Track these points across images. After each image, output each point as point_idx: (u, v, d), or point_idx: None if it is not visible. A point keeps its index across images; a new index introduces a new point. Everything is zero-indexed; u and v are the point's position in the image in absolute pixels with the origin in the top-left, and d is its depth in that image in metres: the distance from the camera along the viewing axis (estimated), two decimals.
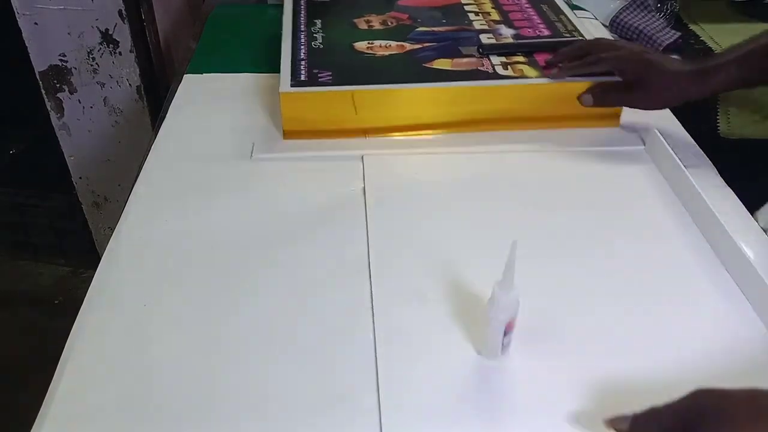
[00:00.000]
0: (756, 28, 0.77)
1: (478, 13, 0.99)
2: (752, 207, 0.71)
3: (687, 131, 0.84)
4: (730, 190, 0.74)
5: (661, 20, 1.13)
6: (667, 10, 1.15)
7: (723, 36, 1.07)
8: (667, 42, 1.08)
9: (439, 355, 0.56)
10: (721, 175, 0.76)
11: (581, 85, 0.82)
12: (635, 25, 1.11)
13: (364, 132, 0.82)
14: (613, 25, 1.13)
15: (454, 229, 0.69)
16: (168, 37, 1.34)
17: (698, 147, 0.80)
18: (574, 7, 1.16)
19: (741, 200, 0.72)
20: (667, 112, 0.85)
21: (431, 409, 0.51)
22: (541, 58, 0.87)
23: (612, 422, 0.46)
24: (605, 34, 1.11)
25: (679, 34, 1.12)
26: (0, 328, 1.60)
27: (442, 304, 0.60)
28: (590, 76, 0.81)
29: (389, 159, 0.79)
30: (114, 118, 1.33)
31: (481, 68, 0.85)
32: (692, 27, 1.20)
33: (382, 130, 0.82)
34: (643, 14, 1.12)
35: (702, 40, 1.14)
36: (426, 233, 0.68)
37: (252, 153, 0.79)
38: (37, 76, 1.28)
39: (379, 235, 0.67)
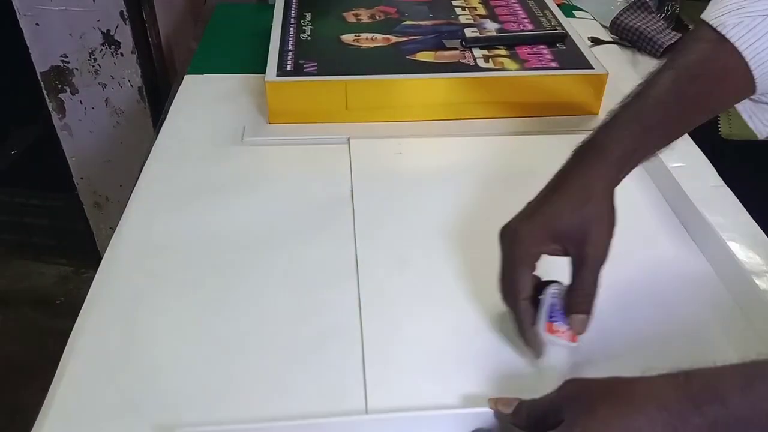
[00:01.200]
0: None
1: (464, 7, 1.01)
2: (752, 208, 0.71)
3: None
4: (730, 190, 0.74)
5: (662, 21, 1.13)
6: (667, 11, 1.16)
7: None
8: (668, 43, 1.08)
9: (420, 316, 0.60)
10: (721, 176, 0.76)
11: (559, 76, 0.85)
12: (635, 26, 1.11)
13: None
14: (614, 26, 1.13)
15: (439, 209, 0.72)
16: (169, 38, 1.34)
17: (697, 147, 0.80)
18: (574, 8, 1.16)
19: (741, 201, 0.72)
20: None
21: (410, 362, 0.56)
22: (523, 52, 0.89)
23: (497, 402, 0.49)
24: (604, 34, 1.11)
25: (679, 35, 1.12)
26: (0, 328, 1.60)
27: (423, 272, 0.63)
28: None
29: (375, 143, 0.82)
30: (115, 118, 1.34)
31: (463, 61, 0.87)
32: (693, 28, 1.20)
33: (364, 119, 0.85)
34: (643, 15, 1.12)
35: None
36: (410, 213, 0.71)
37: (243, 136, 0.82)
38: (39, 77, 1.29)
39: (366, 213, 0.71)
